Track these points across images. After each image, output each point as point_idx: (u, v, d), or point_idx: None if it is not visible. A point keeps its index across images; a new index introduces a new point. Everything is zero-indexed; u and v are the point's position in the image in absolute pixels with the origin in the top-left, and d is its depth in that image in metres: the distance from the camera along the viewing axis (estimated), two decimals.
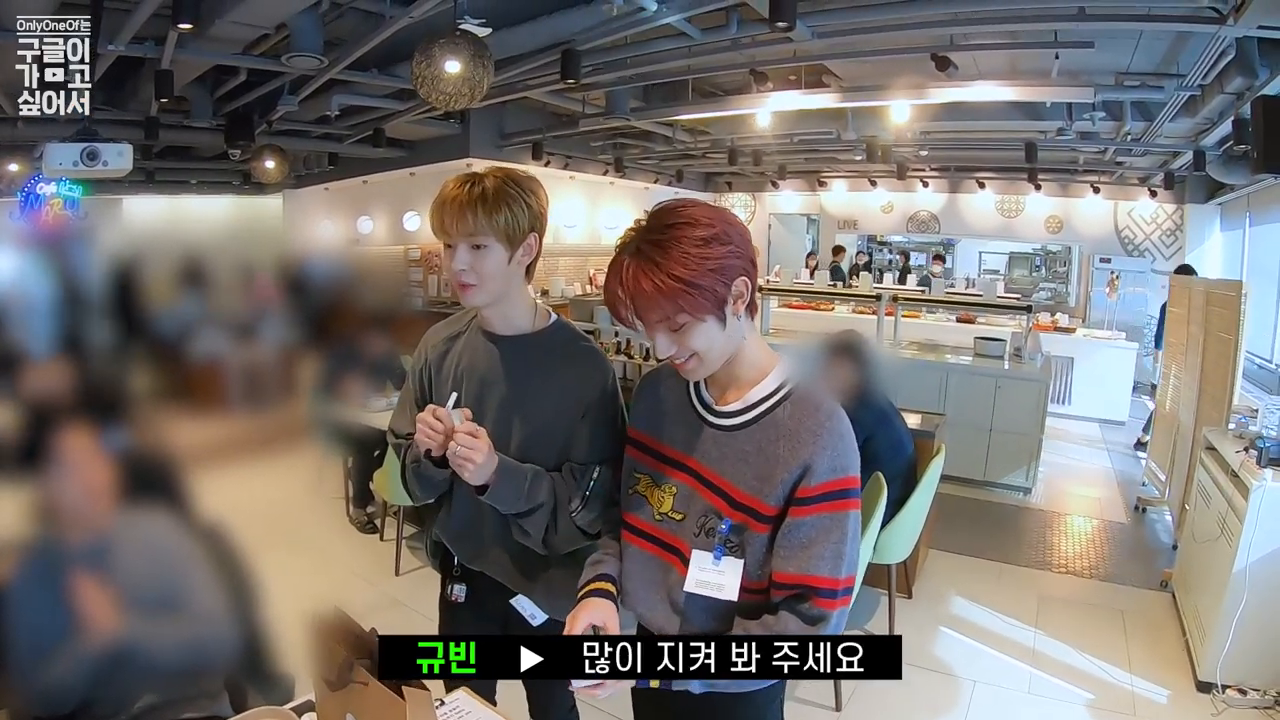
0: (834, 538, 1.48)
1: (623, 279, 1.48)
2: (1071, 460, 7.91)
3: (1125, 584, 4.92)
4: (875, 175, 13.44)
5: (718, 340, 1.50)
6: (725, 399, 1.61)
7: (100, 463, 1.82)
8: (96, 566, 1.79)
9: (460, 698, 1.87)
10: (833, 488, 1.49)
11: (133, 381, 2.23)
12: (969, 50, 5.97)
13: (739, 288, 1.49)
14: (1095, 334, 10.22)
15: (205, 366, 2.49)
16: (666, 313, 1.45)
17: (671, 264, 1.43)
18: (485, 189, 1.78)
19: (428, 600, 4.22)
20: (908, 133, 8.76)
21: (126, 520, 1.86)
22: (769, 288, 8.87)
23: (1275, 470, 3.51)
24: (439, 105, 4.88)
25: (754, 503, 1.53)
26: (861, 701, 3.62)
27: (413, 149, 10.62)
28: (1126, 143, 8.27)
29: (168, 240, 3.05)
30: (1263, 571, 3.46)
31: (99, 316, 2.29)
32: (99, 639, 1.75)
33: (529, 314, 1.96)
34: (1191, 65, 5.82)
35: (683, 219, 1.47)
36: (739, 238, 1.49)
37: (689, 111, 8.25)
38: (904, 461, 4.06)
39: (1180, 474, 5.45)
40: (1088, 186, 12.10)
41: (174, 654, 1.84)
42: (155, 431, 2.05)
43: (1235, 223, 10.60)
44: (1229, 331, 4.87)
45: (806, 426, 1.50)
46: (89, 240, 6.70)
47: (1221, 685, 3.58)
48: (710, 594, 1.54)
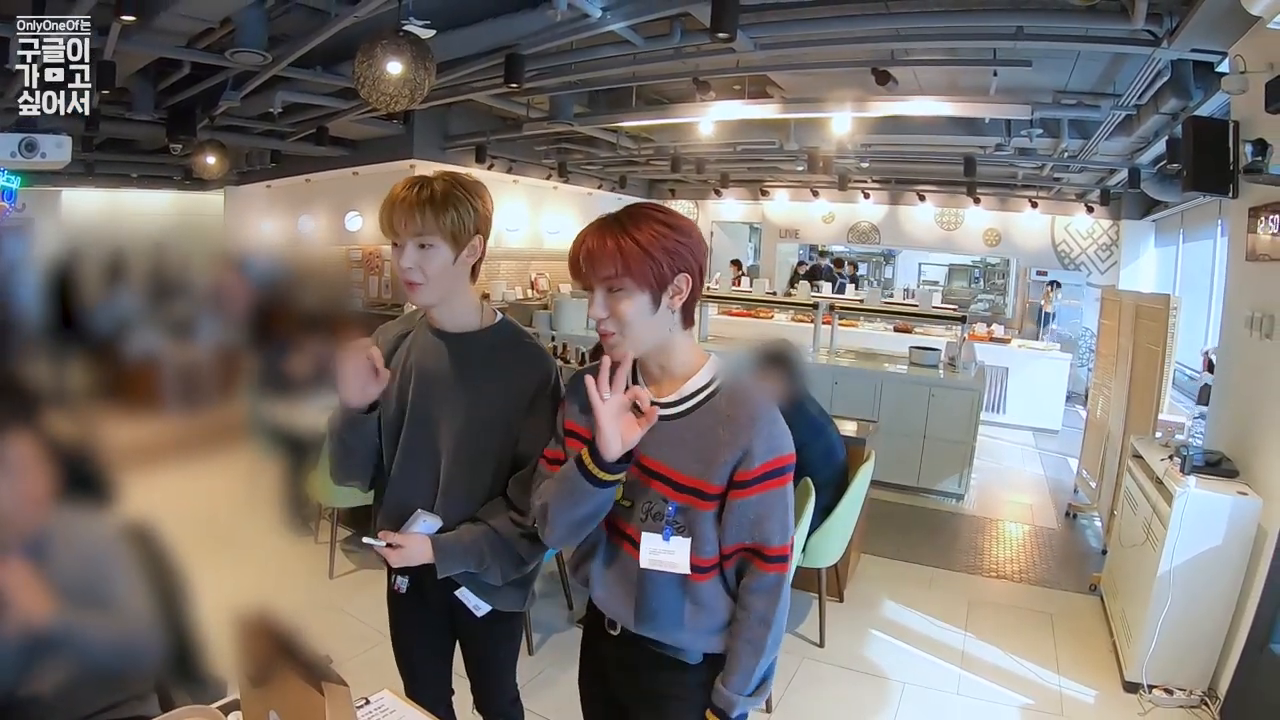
0: (778, 511, 1.65)
1: (589, 235, 1.61)
2: (1005, 467, 8.09)
3: (1055, 588, 5.03)
4: (817, 185, 13.57)
5: (645, 320, 1.60)
6: (660, 393, 1.69)
7: (32, 463, 1.78)
8: (25, 558, 1.75)
9: (385, 696, 1.87)
10: (770, 467, 1.62)
11: (66, 379, 2.19)
12: (910, 65, 6.07)
13: (680, 283, 1.61)
14: (1030, 345, 10.43)
15: (140, 365, 2.45)
16: (614, 270, 1.56)
17: (634, 229, 1.57)
18: (434, 191, 1.86)
19: (361, 604, 4.22)
20: (849, 144, 8.86)
21: (57, 519, 1.82)
22: (708, 294, 8.90)
23: (1198, 477, 3.64)
24: (379, 106, 4.84)
25: (698, 484, 1.64)
26: (792, 703, 3.66)
27: (356, 148, 10.51)
28: (1064, 159, 8.45)
29: (105, 235, 2.99)
30: (1186, 575, 3.58)
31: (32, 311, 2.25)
32: (25, 623, 1.70)
33: (475, 313, 2.03)
34: (1127, 86, 5.96)
35: (657, 207, 1.63)
36: (697, 244, 1.63)
37: (633, 118, 8.27)
38: (836, 468, 4.11)
39: (1110, 481, 5.60)
40: (1026, 201, 12.34)
41: (101, 650, 1.80)
42: (87, 430, 2.02)
43: (1169, 239, 10.88)
44: (1157, 343, 5.01)
45: (744, 413, 1.62)
46: (26, 232, 6.52)
47: (1148, 685, 3.70)
48: (665, 569, 1.65)
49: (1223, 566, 3.55)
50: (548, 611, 4.26)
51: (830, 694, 3.74)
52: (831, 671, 3.95)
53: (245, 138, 9.56)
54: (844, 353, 7.94)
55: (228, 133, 9.09)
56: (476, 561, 1.96)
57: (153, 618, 1.91)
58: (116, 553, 1.90)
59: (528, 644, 3.98)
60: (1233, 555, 3.54)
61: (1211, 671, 3.67)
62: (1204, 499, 3.55)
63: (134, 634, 1.87)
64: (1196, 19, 4.13)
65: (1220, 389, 4.42)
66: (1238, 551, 3.53)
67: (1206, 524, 3.55)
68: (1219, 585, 3.57)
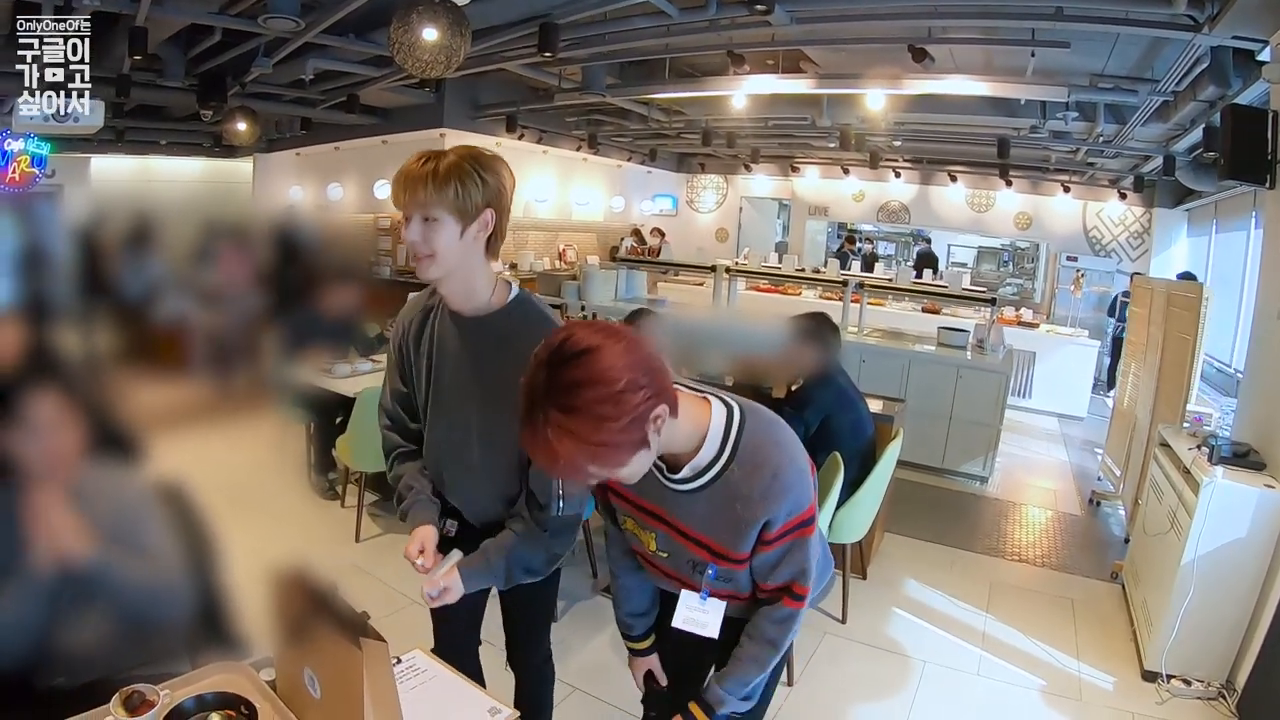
0: (797, 557, 1.67)
1: (546, 446, 1.41)
2: (1029, 452, 8.03)
3: (1077, 574, 5.02)
4: (848, 163, 13.49)
5: (649, 453, 1.48)
6: (675, 469, 1.64)
7: (65, 424, 1.81)
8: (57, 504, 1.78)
9: (416, 655, 1.90)
10: (791, 525, 1.63)
11: (97, 342, 2.22)
12: (946, 43, 6.00)
13: (657, 415, 1.43)
14: (1058, 330, 10.34)
15: (169, 329, 2.47)
16: (601, 466, 1.43)
17: (589, 432, 1.38)
18: (439, 165, 1.83)
19: (388, 567, 4.26)
20: (882, 122, 8.78)
21: (91, 473, 1.85)
22: (737, 269, 8.88)
23: (1225, 468, 3.60)
24: (415, 72, 4.84)
25: (728, 552, 1.68)
26: (813, 677, 3.68)
27: (386, 117, 10.51)
28: (1098, 144, 8.36)
29: (135, 201, 3.01)
30: (1209, 565, 3.55)
31: (63, 275, 2.27)
32: (63, 560, 1.73)
33: (488, 292, 2.00)
34: (1166, 71, 5.89)
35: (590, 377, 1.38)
36: (644, 372, 1.41)
37: (664, 91, 8.24)
38: (863, 443, 4.10)
39: (1135, 469, 5.55)
40: (1058, 185, 12.21)
41: (135, 597, 1.83)
42: (119, 393, 2.04)
43: (1201, 229, 10.75)
44: (1188, 333, 4.95)
45: (758, 490, 1.59)
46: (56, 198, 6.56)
47: (1166, 675, 3.68)
48: (694, 630, 1.74)
49: (1246, 559, 3.52)
50: (572, 580, 4.26)
51: (851, 670, 3.76)
52: (853, 648, 3.97)
53: (276, 105, 9.57)
54: (871, 331, 7.90)
55: (258, 99, 9.10)
56: (504, 580, 2.02)
57: (182, 572, 1.94)
58: (149, 506, 1.93)
59: (593, 581, 4.05)
60: (1257, 548, 3.50)
61: (1230, 664, 3.64)
62: (1230, 490, 3.51)
63: (166, 583, 1.90)
64: (1239, 5, 4.08)
65: (1250, 381, 4.35)
66: (1262, 544, 3.49)
67: (1232, 515, 3.51)
68: (1242, 577, 3.54)
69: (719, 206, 15.76)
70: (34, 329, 2.00)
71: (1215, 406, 4.45)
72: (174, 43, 7.14)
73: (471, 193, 1.83)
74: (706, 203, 15.86)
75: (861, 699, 3.57)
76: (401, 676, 1.80)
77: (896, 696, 3.60)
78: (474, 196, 1.84)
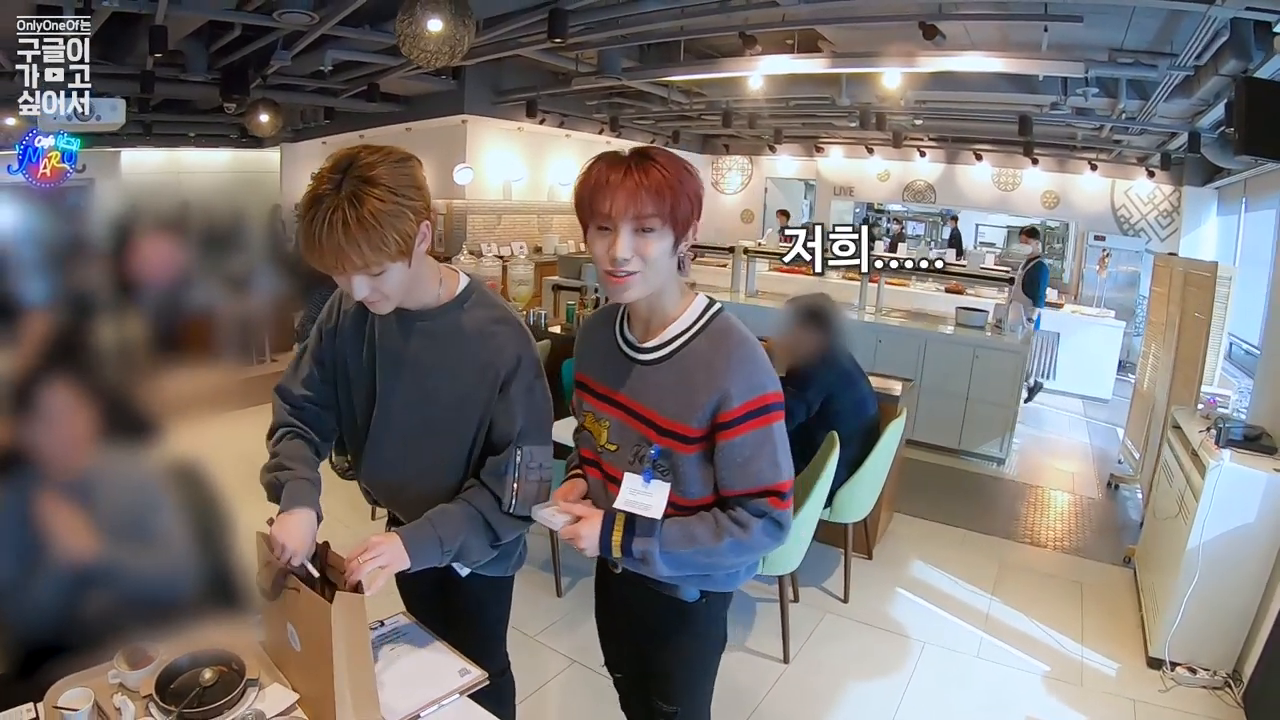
0: (767, 450, 1.61)
1: (610, 171, 1.53)
2: (1050, 434, 7.98)
3: (1089, 558, 4.98)
4: (872, 143, 13.39)
5: (663, 262, 1.57)
6: (647, 336, 1.70)
7: (85, 412, 1.86)
8: (73, 498, 1.85)
9: (399, 619, 1.98)
10: (752, 407, 1.58)
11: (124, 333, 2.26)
12: (960, 19, 5.93)
13: (692, 229, 1.59)
14: (1083, 310, 10.22)
15: (196, 318, 2.51)
16: (650, 209, 1.51)
17: (663, 169, 1.52)
18: (359, 214, 1.55)
19: None
20: (901, 100, 8.71)
21: (99, 466, 1.91)
22: (757, 250, 8.85)
23: (1234, 451, 3.54)
24: (421, 63, 4.90)
25: (678, 427, 1.63)
26: (810, 655, 3.71)
27: (409, 104, 10.62)
28: (1122, 121, 8.23)
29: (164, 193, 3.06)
30: (1215, 551, 3.49)
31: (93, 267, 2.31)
32: (73, 559, 1.81)
33: (434, 286, 1.86)
34: (1185, 45, 5.78)
35: (671, 153, 1.58)
36: (700, 189, 1.59)
37: (680, 72, 8.21)
38: (865, 422, 4.11)
39: (1154, 452, 5.48)
40: (1085, 163, 12.05)
41: (140, 583, 1.89)
42: (143, 381, 2.08)
43: (1231, 207, 10.53)
44: (1204, 312, 4.89)
45: (720, 354, 1.60)
46: (86, 193, 6.68)
47: (1171, 662, 3.63)
48: (638, 511, 1.65)
49: (1254, 545, 3.45)
50: (577, 555, 4.30)
51: (849, 649, 3.78)
52: (853, 627, 3.98)
53: (298, 96, 9.69)
54: (890, 312, 7.86)
55: (280, 91, 9.23)
56: (441, 545, 1.83)
57: (194, 552, 1.99)
58: (159, 493, 1.97)
59: (557, 587, 4.08)
60: (1265, 534, 3.42)
61: (1237, 654, 3.59)
62: (1238, 474, 3.45)
63: (172, 569, 1.95)
64: None
65: (1266, 362, 4.27)
66: (1271, 530, 3.42)
67: (1239, 500, 3.44)
68: (1249, 564, 3.47)
69: (744, 188, 15.73)
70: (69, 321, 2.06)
71: (1236, 389, 4.37)
72: (196, 38, 7.26)
73: (407, 226, 1.61)
74: (732, 184, 15.83)
75: (856, 678, 3.58)
76: (384, 638, 1.89)
77: (892, 677, 3.60)
78: (410, 229, 1.62)
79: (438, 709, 1.68)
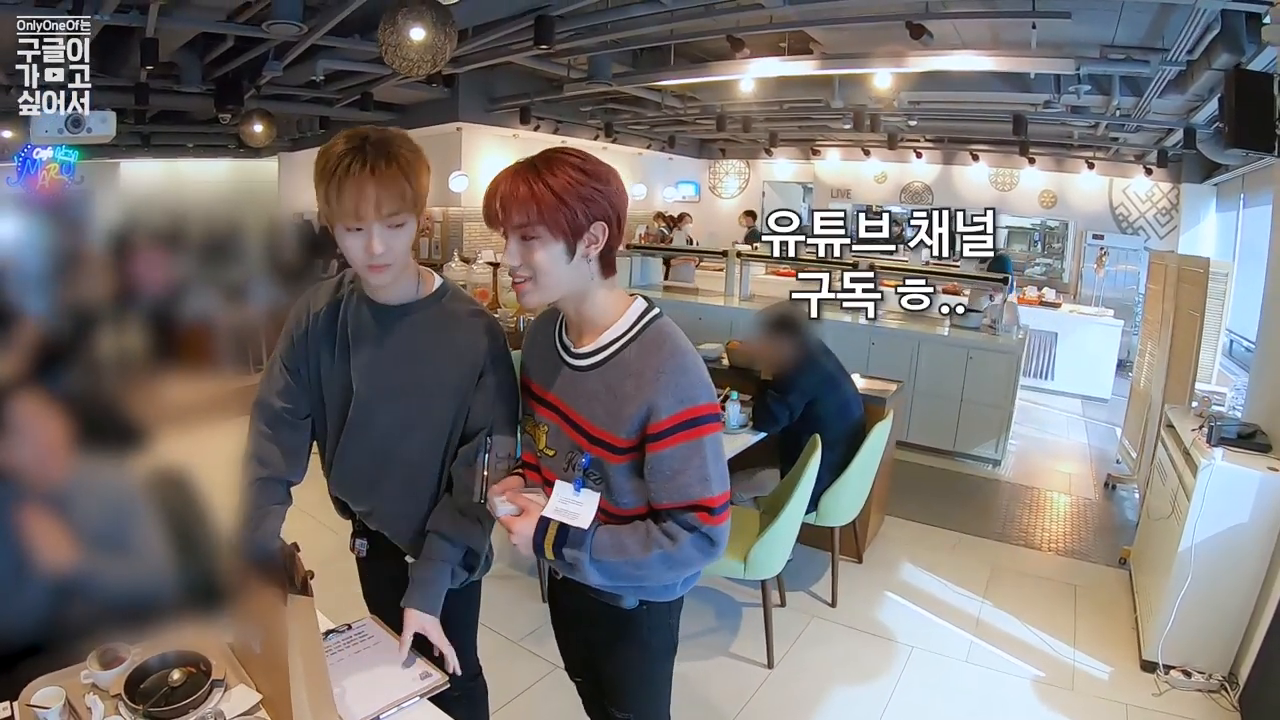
0: (695, 463, 1.57)
1: (503, 181, 1.54)
2: (1048, 435, 7.93)
3: (1084, 559, 4.92)
4: (868, 145, 13.37)
5: (559, 270, 1.55)
6: (581, 342, 1.67)
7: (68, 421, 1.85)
8: (53, 508, 1.84)
9: (367, 623, 1.96)
10: (680, 419, 1.55)
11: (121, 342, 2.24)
12: (948, 19, 5.92)
13: (596, 231, 1.55)
14: (1081, 310, 10.18)
15: (193, 327, 2.50)
16: (527, 218, 1.51)
17: (549, 175, 1.51)
18: (389, 159, 1.67)
19: None
20: (894, 101, 8.70)
21: (77, 478, 1.89)
22: (751, 254, 8.82)
23: (1227, 450, 3.48)
24: (404, 71, 4.92)
25: (606, 436, 1.61)
26: (795, 660, 3.67)
27: (403, 112, 10.63)
28: (1117, 118, 8.21)
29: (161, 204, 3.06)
30: (1208, 552, 3.43)
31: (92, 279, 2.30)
32: (50, 569, 1.80)
33: (414, 280, 1.89)
34: (1175, 39, 5.76)
35: (575, 153, 1.56)
36: (615, 192, 1.57)
37: (671, 77, 8.22)
38: (851, 424, 4.09)
39: (1150, 451, 5.44)
40: (1082, 162, 12.01)
41: (124, 587, 1.88)
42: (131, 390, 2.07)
43: (1230, 204, 10.50)
44: (1197, 308, 4.85)
45: (650, 365, 1.57)
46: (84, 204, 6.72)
47: (1165, 665, 3.57)
48: (566, 520, 1.63)
49: (1248, 545, 3.38)
50: None
51: (834, 654, 3.74)
52: (839, 631, 3.94)
53: (293, 105, 9.74)
54: (887, 313, 7.81)
55: (275, 101, 9.27)
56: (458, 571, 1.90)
57: (174, 560, 1.98)
58: (138, 504, 1.96)
59: (542, 592, 4.06)
60: (1259, 535, 3.36)
61: (1233, 656, 3.52)
62: (1230, 473, 3.38)
63: (151, 578, 1.94)
64: None
65: (1261, 359, 4.20)
66: (1265, 531, 3.35)
67: (1232, 500, 3.38)
68: (1243, 565, 3.40)
69: (741, 191, 15.73)
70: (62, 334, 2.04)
71: (1233, 386, 4.33)
72: (190, 50, 7.31)
73: (421, 184, 1.73)
74: (729, 188, 15.85)
75: (840, 683, 3.53)
76: (349, 641, 1.88)
77: (877, 681, 3.56)
78: (422, 186, 1.73)
79: (398, 711, 1.68)
